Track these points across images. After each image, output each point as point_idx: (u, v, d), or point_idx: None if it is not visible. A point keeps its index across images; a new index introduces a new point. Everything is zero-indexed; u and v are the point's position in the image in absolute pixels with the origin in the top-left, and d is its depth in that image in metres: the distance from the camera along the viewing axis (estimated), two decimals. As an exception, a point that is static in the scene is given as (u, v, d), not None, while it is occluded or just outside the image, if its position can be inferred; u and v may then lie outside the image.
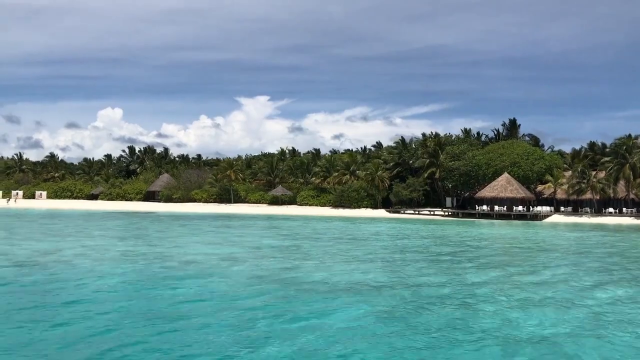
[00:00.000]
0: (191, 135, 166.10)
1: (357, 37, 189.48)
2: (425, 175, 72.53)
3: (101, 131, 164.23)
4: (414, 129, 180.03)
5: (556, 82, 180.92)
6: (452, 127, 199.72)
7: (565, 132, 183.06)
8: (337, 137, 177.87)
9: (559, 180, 64.68)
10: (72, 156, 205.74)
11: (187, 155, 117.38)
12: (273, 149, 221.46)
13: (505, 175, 65.96)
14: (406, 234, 38.06)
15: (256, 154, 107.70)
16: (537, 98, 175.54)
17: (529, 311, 12.83)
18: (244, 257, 22.36)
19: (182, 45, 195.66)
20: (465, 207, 70.61)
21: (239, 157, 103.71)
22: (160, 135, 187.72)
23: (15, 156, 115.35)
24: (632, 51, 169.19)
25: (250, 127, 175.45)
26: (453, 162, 70.06)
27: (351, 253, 24.76)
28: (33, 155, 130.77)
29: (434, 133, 77.68)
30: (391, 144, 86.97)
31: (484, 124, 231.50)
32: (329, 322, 11.26)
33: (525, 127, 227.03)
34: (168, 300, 13.30)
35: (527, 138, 79.82)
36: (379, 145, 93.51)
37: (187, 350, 9.28)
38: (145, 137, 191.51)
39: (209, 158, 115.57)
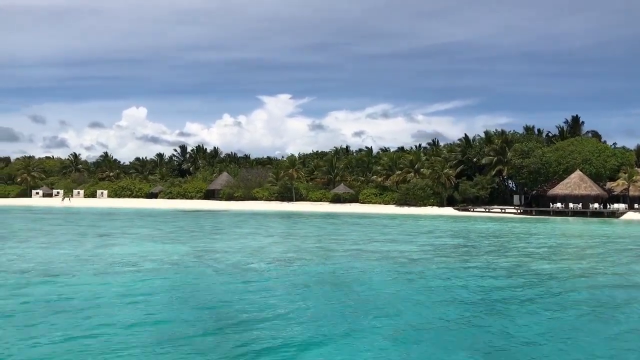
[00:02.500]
0: (214, 134, 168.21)
1: (376, 34, 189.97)
2: (493, 172, 73.08)
3: (125, 130, 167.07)
4: (436, 125, 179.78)
5: (578, 76, 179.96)
6: (476, 124, 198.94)
7: (591, 128, 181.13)
8: (358, 134, 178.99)
9: (633, 178, 64.83)
10: (96, 155, 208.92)
11: (235, 154, 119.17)
12: (295, 147, 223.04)
13: (578, 172, 66.32)
14: (515, 232, 38.85)
15: (309, 153, 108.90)
16: (558, 93, 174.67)
17: None
18: (425, 254, 23.48)
19: (203, 45, 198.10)
20: (532, 204, 71.04)
21: (292, 155, 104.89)
22: (183, 134, 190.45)
23: (70, 156, 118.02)
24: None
25: (272, 126, 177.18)
26: (522, 160, 70.47)
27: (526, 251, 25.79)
28: (58, 155, 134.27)
29: (499, 130, 78.07)
30: (427, 141, 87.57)
31: (508, 120, 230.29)
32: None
33: (547, 123, 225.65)
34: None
35: (590, 135, 79.90)
36: (434, 143, 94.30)
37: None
38: (169, 136, 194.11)
39: (256, 157, 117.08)
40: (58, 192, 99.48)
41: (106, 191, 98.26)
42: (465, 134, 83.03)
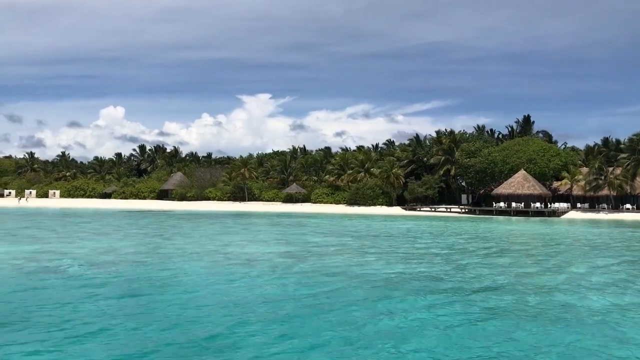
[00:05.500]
0: (193, 134, 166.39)
1: (357, 35, 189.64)
2: (441, 172, 72.73)
3: (103, 130, 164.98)
4: (416, 126, 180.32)
5: (558, 78, 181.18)
6: (455, 124, 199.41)
7: (568, 128, 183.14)
8: (339, 134, 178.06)
9: (576, 177, 64.78)
10: (74, 155, 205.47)
11: (196, 153, 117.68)
12: (275, 147, 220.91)
13: (522, 172, 66.16)
14: (439, 231, 38.22)
15: (267, 152, 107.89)
16: (538, 94, 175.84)
17: None
18: (307, 254, 22.60)
19: (183, 43, 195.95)
20: (481, 204, 70.82)
21: (250, 155, 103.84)
22: (162, 133, 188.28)
23: (26, 155, 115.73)
24: (632, 47, 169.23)
25: (252, 125, 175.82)
26: (469, 159, 70.20)
27: (404, 251, 25.02)
28: (36, 155, 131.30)
29: (447, 130, 77.79)
30: (404, 141, 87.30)
31: (487, 120, 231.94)
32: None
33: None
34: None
35: (540, 135, 79.93)
36: (390, 142, 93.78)
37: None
38: (147, 136, 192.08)
39: (218, 157, 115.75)
40: (10, 192, 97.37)
41: (58, 191, 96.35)
42: (417, 134, 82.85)
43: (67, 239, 28.21)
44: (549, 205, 63.75)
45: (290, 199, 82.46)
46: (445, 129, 78.90)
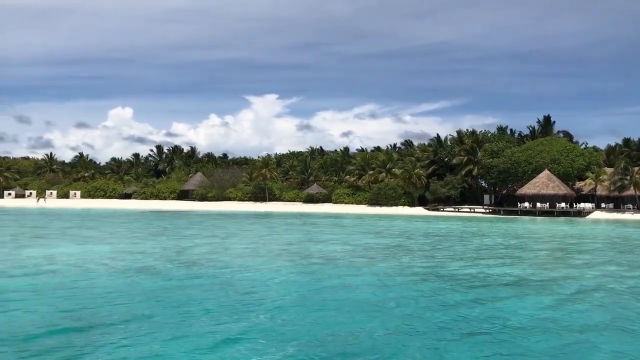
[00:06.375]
0: (201, 134, 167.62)
1: (363, 34, 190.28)
2: (463, 172, 73.07)
3: (111, 130, 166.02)
4: (423, 126, 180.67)
5: (564, 77, 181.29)
6: (463, 124, 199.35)
7: (575, 128, 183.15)
8: (345, 134, 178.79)
9: (600, 177, 65.01)
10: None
11: (212, 154, 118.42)
12: (282, 148, 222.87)
13: (546, 172, 66.44)
14: (472, 231, 38.64)
15: (284, 153, 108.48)
16: (545, 93, 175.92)
17: None
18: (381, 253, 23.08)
19: (190, 44, 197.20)
20: (502, 204, 71.11)
21: (268, 155, 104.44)
22: (170, 134, 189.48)
23: (45, 156, 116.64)
24: (638, 46, 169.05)
25: (260, 126, 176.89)
26: (492, 160, 70.51)
27: (468, 250, 25.47)
28: (43, 156, 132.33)
29: (469, 130, 78.13)
30: (413, 141, 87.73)
31: (494, 120, 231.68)
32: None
33: (533, 122, 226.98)
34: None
35: (561, 135, 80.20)
36: (408, 143, 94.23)
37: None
38: (155, 136, 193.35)
39: (235, 157, 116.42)
40: (31, 193, 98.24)
41: (79, 192, 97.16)
42: (438, 134, 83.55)
43: (132, 239, 28.75)
44: (574, 206, 64.01)
45: (310, 200, 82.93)
46: (467, 129, 79.38)
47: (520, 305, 13.10)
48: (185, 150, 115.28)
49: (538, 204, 63.76)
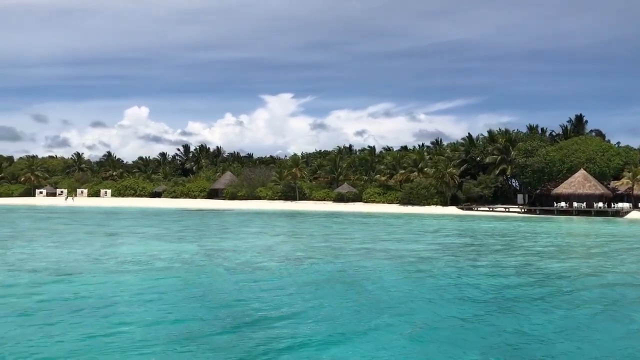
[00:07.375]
0: (216, 133, 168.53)
1: (378, 33, 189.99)
2: (496, 172, 73.09)
3: (127, 130, 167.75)
4: (438, 125, 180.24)
5: (582, 75, 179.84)
6: (478, 123, 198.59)
7: (594, 127, 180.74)
8: (359, 133, 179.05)
9: (638, 177, 64.73)
10: (98, 154, 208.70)
11: (238, 153, 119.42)
12: (296, 147, 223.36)
13: (582, 171, 66.28)
14: (529, 230, 38.91)
15: (311, 152, 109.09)
16: (562, 92, 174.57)
17: None
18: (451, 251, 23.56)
19: (206, 44, 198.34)
20: (536, 203, 71.00)
21: (295, 154, 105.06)
22: (185, 133, 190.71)
23: (74, 156, 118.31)
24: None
25: (274, 125, 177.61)
26: (525, 159, 70.46)
27: (537, 248, 25.86)
28: (60, 154, 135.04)
29: (503, 129, 78.07)
30: (427, 141, 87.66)
31: (510, 119, 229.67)
32: None
33: (550, 122, 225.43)
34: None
35: (593, 134, 79.89)
36: (438, 142, 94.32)
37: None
38: (171, 136, 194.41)
39: (264, 156, 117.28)
40: (62, 192, 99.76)
41: (110, 190, 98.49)
42: (469, 133, 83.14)
43: (211, 237, 29.46)
44: (612, 206, 63.80)
45: (341, 199, 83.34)
46: (499, 129, 79.34)
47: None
48: (211, 150, 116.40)
49: (574, 204, 63.66)
